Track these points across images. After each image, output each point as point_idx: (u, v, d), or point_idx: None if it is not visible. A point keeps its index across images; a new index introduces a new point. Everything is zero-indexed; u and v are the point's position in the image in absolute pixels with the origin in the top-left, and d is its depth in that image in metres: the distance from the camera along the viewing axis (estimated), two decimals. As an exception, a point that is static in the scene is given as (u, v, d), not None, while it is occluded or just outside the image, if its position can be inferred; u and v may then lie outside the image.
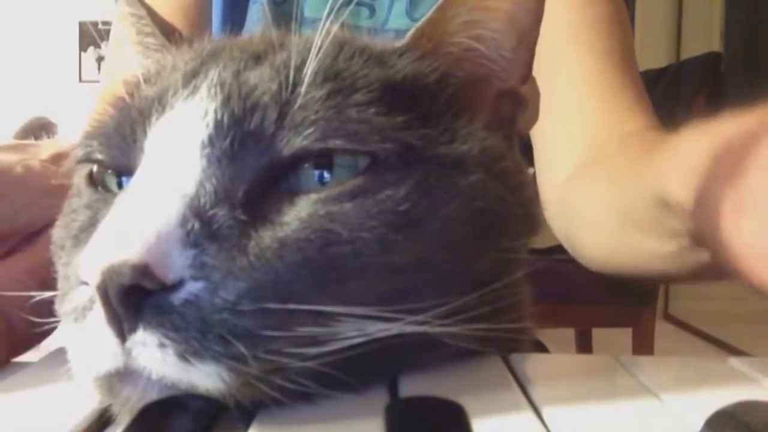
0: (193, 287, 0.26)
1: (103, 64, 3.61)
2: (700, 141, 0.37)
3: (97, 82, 3.58)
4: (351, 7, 0.70)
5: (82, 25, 3.59)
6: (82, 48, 3.64)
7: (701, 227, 0.36)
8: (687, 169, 0.37)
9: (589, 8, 0.66)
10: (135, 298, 0.25)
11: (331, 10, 0.32)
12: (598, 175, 0.57)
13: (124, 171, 0.31)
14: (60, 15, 3.53)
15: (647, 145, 0.47)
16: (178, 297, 0.25)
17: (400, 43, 0.34)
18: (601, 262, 0.37)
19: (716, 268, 0.36)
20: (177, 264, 0.26)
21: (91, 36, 3.60)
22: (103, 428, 0.27)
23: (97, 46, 3.63)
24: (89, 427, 0.27)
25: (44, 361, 0.35)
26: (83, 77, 3.65)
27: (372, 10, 0.72)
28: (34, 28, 3.50)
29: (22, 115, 2.76)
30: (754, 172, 0.30)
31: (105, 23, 3.44)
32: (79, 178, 0.34)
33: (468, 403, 0.23)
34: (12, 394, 0.30)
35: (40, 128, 2.60)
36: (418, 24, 0.34)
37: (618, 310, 1.78)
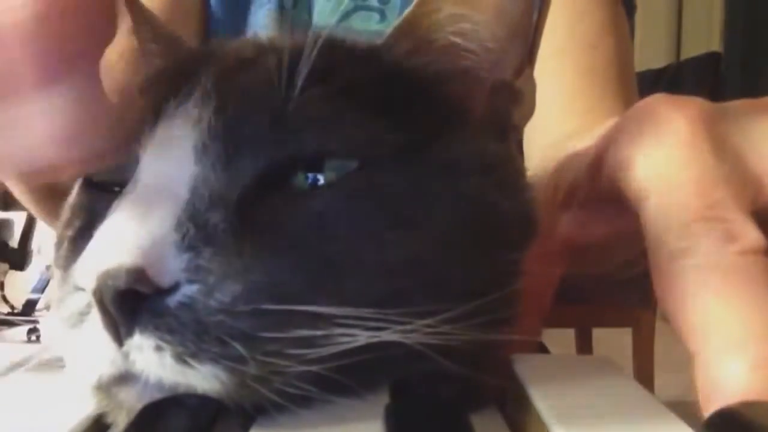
0: (188, 290, 0.26)
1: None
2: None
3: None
4: (361, 12, 0.70)
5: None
6: (82, 49, 3.64)
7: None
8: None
9: (578, 23, 0.66)
10: (131, 303, 0.25)
11: (342, 16, 0.32)
12: None
13: (119, 183, 0.31)
14: (60, 16, 3.52)
15: None
16: (173, 300, 0.25)
17: (381, 40, 0.34)
18: None
19: None
20: (172, 267, 0.26)
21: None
22: (102, 431, 0.27)
23: (97, 47, 3.63)
24: (88, 429, 0.27)
25: (44, 362, 0.35)
26: (83, 78, 3.65)
27: (382, 15, 0.72)
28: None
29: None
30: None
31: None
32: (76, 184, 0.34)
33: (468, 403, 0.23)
34: (12, 394, 0.30)
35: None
36: (397, 21, 0.34)
37: (618, 310, 1.78)
